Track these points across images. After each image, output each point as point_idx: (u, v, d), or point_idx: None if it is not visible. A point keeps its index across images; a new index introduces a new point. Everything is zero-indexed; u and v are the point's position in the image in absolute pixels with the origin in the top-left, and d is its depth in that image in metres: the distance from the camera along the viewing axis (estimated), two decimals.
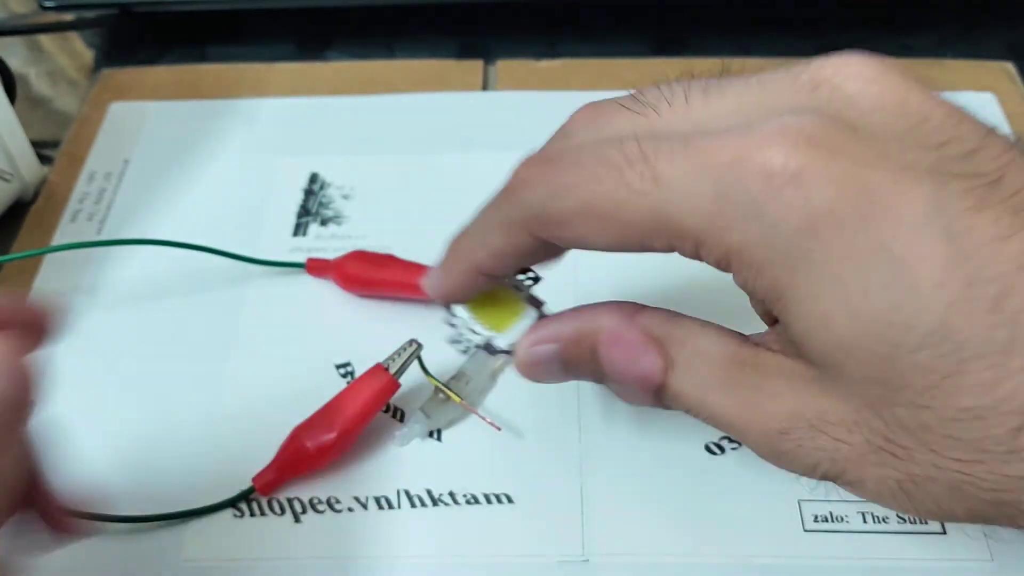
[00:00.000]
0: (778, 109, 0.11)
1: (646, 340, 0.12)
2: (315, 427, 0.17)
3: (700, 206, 0.11)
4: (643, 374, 0.12)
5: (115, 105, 0.25)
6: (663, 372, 0.12)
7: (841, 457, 0.11)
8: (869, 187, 0.10)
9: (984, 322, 0.10)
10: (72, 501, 0.15)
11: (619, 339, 0.12)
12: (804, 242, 0.10)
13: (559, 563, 0.16)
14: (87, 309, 0.20)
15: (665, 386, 0.12)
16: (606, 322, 0.13)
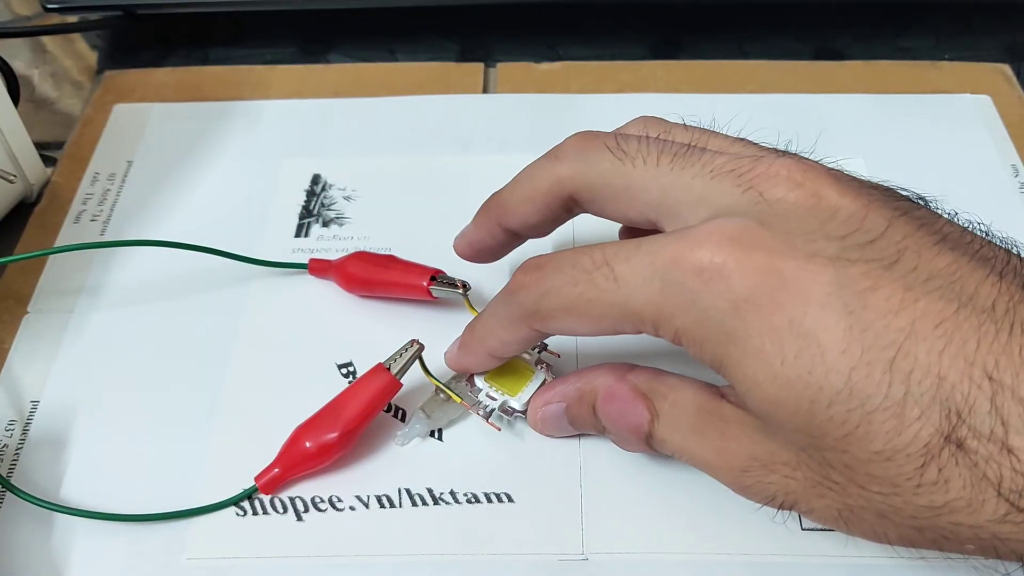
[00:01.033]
0: (716, 203, 0.13)
1: (635, 395, 0.15)
2: (317, 426, 0.17)
3: (651, 298, 0.13)
4: (634, 424, 0.15)
5: (118, 107, 0.25)
6: (650, 422, 0.15)
7: (791, 490, 0.14)
8: (781, 273, 0.12)
9: (883, 381, 0.12)
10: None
11: (613, 395, 0.15)
12: (731, 322, 0.13)
13: (559, 561, 0.16)
14: (90, 310, 0.20)
15: (652, 434, 0.15)
16: (602, 381, 0.16)
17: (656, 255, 0.13)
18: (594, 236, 0.22)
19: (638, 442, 0.15)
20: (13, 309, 0.21)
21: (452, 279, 0.19)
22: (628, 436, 0.15)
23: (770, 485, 0.14)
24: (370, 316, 0.20)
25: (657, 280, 0.13)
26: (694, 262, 0.13)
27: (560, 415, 0.16)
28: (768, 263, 0.12)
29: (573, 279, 0.14)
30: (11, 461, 0.18)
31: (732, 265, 0.12)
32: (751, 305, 0.12)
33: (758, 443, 0.14)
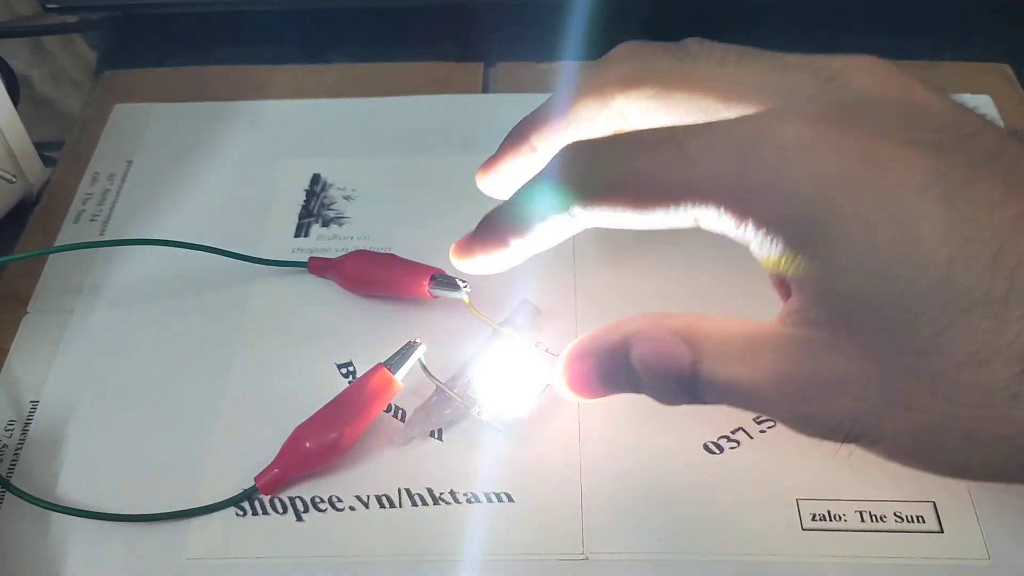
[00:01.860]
0: (794, 94, 0.12)
1: (674, 337, 0.13)
2: (317, 427, 0.17)
3: (723, 177, 0.12)
4: (675, 368, 0.13)
5: (118, 106, 0.25)
6: (693, 364, 0.13)
7: (862, 415, 0.12)
8: (875, 155, 0.11)
9: (983, 276, 0.11)
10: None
11: (650, 340, 0.14)
12: (816, 204, 0.11)
13: (559, 561, 0.16)
14: (91, 309, 0.20)
15: (697, 376, 0.13)
16: (635, 328, 0.14)
17: (733, 130, 0.12)
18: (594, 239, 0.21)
19: (679, 390, 0.13)
20: (13, 309, 0.21)
21: (452, 278, 0.19)
22: (668, 384, 0.13)
23: (836, 412, 0.12)
24: (370, 315, 0.20)
25: (735, 155, 0.12)
26: (780, 137, 0.11)
27: (591, 374, 0.14)
28: (861, 144, 0.11)
29: (630, 153, 0.13)
30: (11, 461, 0.18)
31: (822, 143, 0.11)
32: (841, 187, 0.11)
33: (825, 362, 0.12)
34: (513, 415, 0.17)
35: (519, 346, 0.18)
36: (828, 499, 0.17)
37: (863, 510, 0.16)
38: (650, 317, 0.14)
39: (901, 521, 0.16)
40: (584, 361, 0.14)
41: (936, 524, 0.16)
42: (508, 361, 0.18)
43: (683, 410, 0.18)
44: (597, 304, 0.20)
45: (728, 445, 0.17)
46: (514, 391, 0.17)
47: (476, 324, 0.19)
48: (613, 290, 0.20)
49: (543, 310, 0.19)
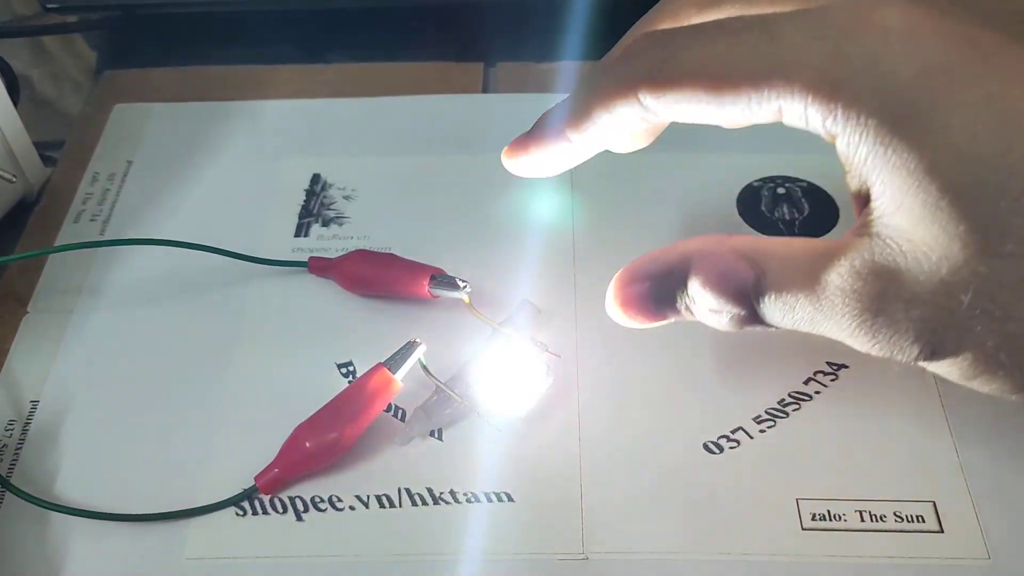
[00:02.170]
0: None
1: (737, 255, 0.13)
2: (317, 426, 0.17)
3: (816, 61, 0.11)
4: (737, 286, 0.13)
5: (119, 106, 0.25)
6: (756, 281, 0.12)
7: (940, 327, 0.11)
8: (979, 44, 0.11)
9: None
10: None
11: (711, 258, 0.13)
12: (914, 92, 0.11)
13: (559, 561, 0.16)
14: (91, 309, 0.20)
15: (759, 294, 0.12)
16: (696, 247, 0.13)
17: (830, 14, 0.11)
18: (594, 239, 0.22)
19: (739, 312, 0.13)
20: (13, 309, 0.21)
21: (452, 278, 0.19)
22: (727, 304, 0.13)
23: (912, 325, 0.11)
24: (370, 315, 0.20)
25: (829, 39, 0.11)
26: (879, 20, 0.11)
27: (645, 296, 0.14)
28: (965, 32, 0.11)
29: (712, 37, 0.12)
30: (11, 461, 0.18)
31: (925, 28, 0.11)
32: (942, 74, 0.11)
33: (904, 273, 0.11)
34: (513, 415, 0.17)
35: (519, 346, 0.18)
36: (828, 499, 0.17)
37: (863, 510, 0.16)
38: (710, 237, 0.13)
39: (901, 521, 0.16)
40: (639, 282, 0.14)
41: (936, 524, 0.16)
42: (508, 361, 0.18)
43: (683, 409, 0.18)
44: (597, 304, 0.20)
45: (728, 445, 0.17)
46: (514, 391, 0.17)
47: (476, 324, 0.19)
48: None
49: (543, 310, 0.19)
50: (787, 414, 0.18)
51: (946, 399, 0.18)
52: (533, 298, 0.20)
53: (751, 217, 0.22)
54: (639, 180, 0.22)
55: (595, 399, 0.18)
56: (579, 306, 0.20)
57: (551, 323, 0.19)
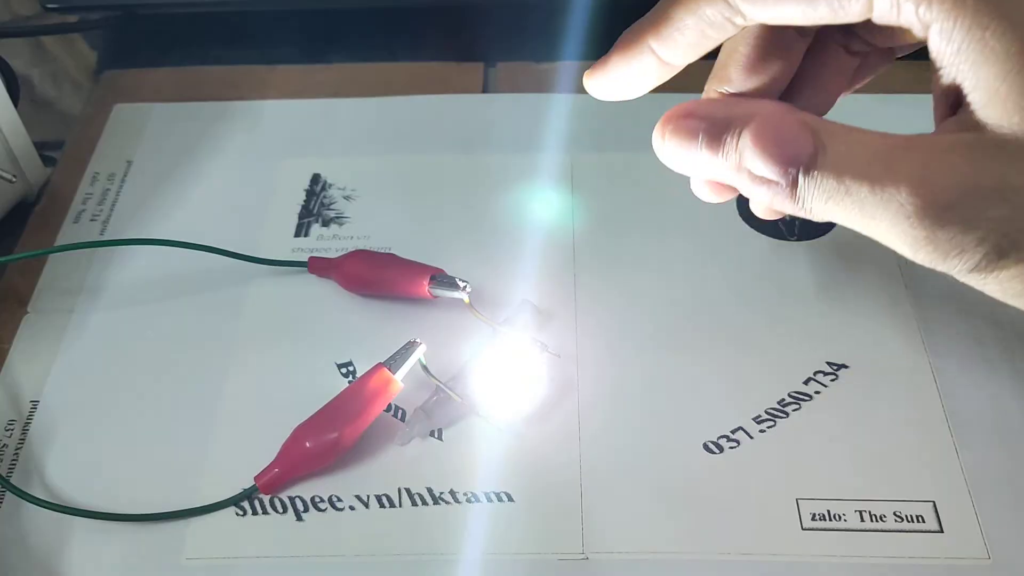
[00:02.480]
0: None
1: (803, 125, 0.12)
2: (317, 427, 0.17)
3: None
4: (791, 152, 0.12)
5: (119, 106, 0.25)
6: (812, 155, 0.12)
7: (1014, 229, 0.11)
8: None
9: None
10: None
11: (774, 118, 0.12)
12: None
13: (559, 560, 0.16)
14: (91, 309, 0.20)
15: (810, 170, 0.12)
16: (763, 107, 0.13)
17: None
18: (594, 238, 0.22)
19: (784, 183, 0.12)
20: (13, 309, 0.21)
21: (452, 278, 0.19)
22: (771, 169, 0.12)
23: (985, 223, 0.11)
24: (370, 315, 0.20)
25: None
26: None
27: (695, 133, 0.13)
28: None
29: None
30: (11, 461, 0.18)
31: None
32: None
33: (988, 166, 0.11)
34: (513, 415, 0.17)
35: (519, 346, 0.18)
36: (828, 499, 0.17)
37: (863, 510, 0.16)
38: (781, 104, 0.13)
39: (901, 521, 0.16)
40: (695, 118, 0.13)
41: (936, 524, 0.16)
42: (508, 361, 0.18)
43: (683, 409, 0.18)
44: (597, 304, 0.20)
45: (728, 445, 0.17)
46: (514, 391, 0.17)
47: (476, 324, 0.19)
48: (613, 290, 0.20)
49: (543, 310, 0.20)
50: (787, 414, 0.18)
51: (946, 399, 0.18)
52: (533, 298, 0.20)
53: (752, 218, 0.22)
54: (638, 181, 0.22)
55: (595, 399, 0.18)
56: (579, 306, 0.20)
57: (551, 323, 0.19)
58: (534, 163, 0.23)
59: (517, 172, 0.23)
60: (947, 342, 0.19)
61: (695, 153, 0.13)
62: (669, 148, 0.14)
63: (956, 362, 0.18)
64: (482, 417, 0.17)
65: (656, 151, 0.14)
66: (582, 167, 0.23)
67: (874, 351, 0.19)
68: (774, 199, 0.12)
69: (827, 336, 0.19)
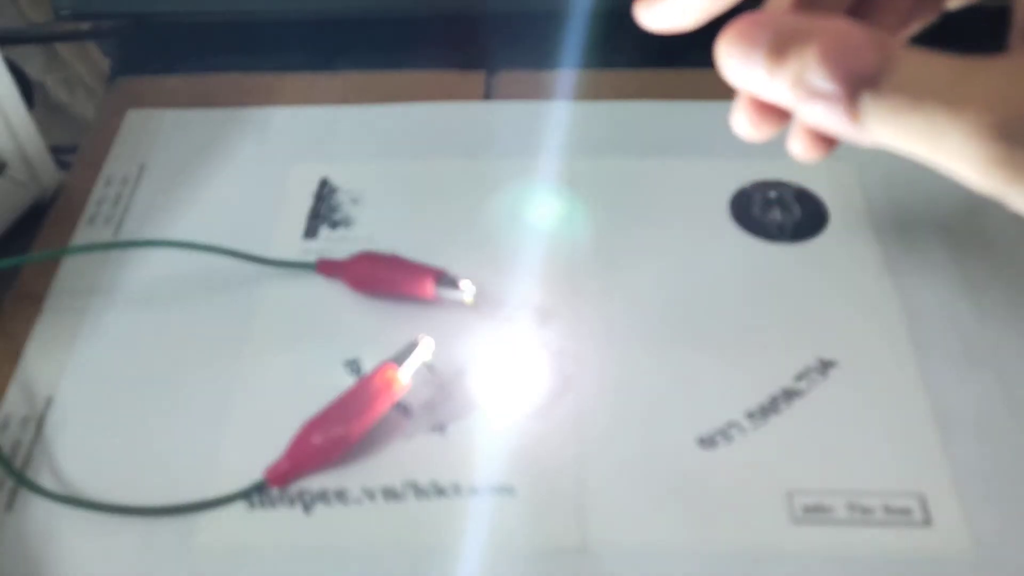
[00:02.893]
0: None
1: (869, 37, 0.11)
2: (326, 423, 0.17)
3: None
4: (855, 65, 0.11)
5: (132, 112, 0.26)
6: (878, 68, 0.11)
7: None
8: None
9: None
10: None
11: (843, 32, 0.11)
12: None
13: (558, 551, 0.16)
14: (104, 308, 0.21)
15: (877, 84, 0.11)
16: (831, 23, 0.12)
17: None
18: (594, 238, 0.22)
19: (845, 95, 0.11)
20: (29, 308, 0.21)
21: (455, 279, 0.20)
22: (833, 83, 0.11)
23: None
24: (376, 315, 0.20)
25: None
26: None
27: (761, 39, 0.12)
28: None
29: None
30: (25, 456, 0.18)
31: None
32: None
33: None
34: (515, 411, 0.18)
35: (520, 344, 0.19)
36: (819, 492, 0.17)
37: (853, 503, 0.17)
38: (848, 20, 0.12)
39: (890, 514, 0.17)
40: (761, 28, 0.12)
41: (924, 517, 0.17)
42: (510, 358, 0.18)
43: (677, 404, 0.18)
44: (596, 304, 0.21)
45: (722, 440, 0.18)
46: (516, 388, 0.18)
47: (479, 323, 0.19)
48: (611, 290, 0.21)
49: (543, 310, 0.20)
50: (779, 410, 0.18)
51: (932, 395, 0.18)
52: (534, 298, 0.20)
53: (744, 221, 0.22)
54: (636, 185, 0.23)
55: (594, 395, 0.19)
56: (578, 306, 0.20)
57: (551, 322, 0.20)
58: (535, 168, 0.23)
59: (518, 177, 0.23)
60: (933, 339, 0.19)
61: (756, 62, 0.12)
62: (731, 55, 0.13)
63: (942, 359, 0.19)
64: (485, 413, 0.18)
65: (718, 60, 0.13)
66: (581, 172, 0.24)
67: (862, 348, 0.19)
68: (832, 117, 0.11)
69: (817, 334, 0.20)
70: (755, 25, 0.12)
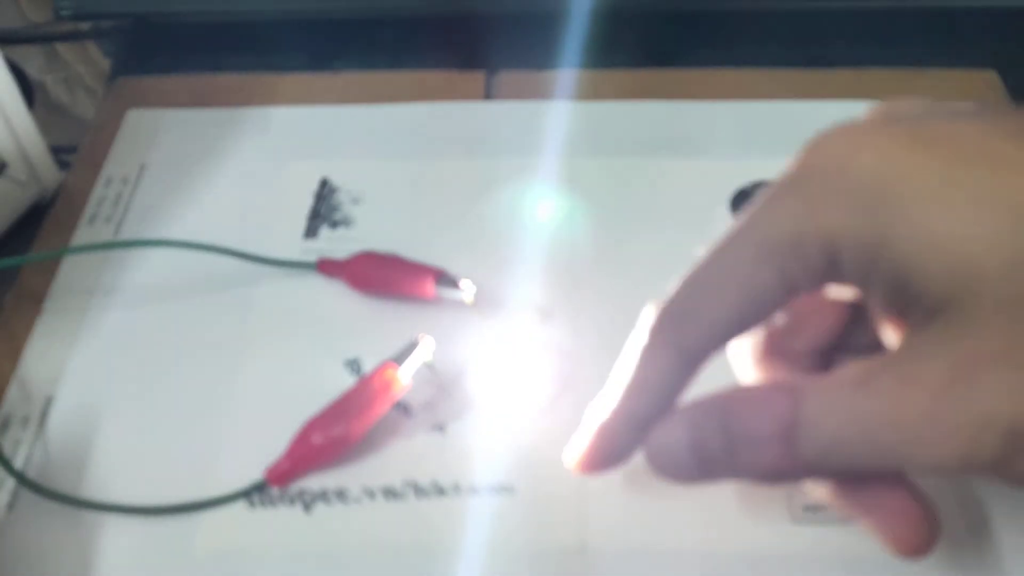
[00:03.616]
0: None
1: (773, 386, 0.12)
2: (326, 422, 0.17)
3: (788, 210, 0.11)
4: (774, 415, 0.11)
5: (132, 112, 0.26)
6: (793, 407, 0.11)
7: (1015, 403, 0.10)
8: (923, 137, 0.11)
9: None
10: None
11: (744, 391, 0.12)
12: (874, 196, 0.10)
13: (558, 551, 0.16)
14: (105, 308, 0.21)
15: (799, 420, 0.11)
16: (729, 389, 0.12)
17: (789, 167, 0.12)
18: (594, 238, 0.22)
19: (779, 447, 0.11)
20: (29, 308, 0.21)
21: (455, 279, 0.20)
22: (764, 442, 0.11)
23: (983, 401, 0.10)
24: (377, 315, 0.20)
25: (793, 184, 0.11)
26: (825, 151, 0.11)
27: (682, 445, 0.12)
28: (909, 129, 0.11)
29: (705, 258, 0.12)
30: (26, 456, 0.18)
31: (869, 143, 0.11)
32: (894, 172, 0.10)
33: (955, 350, 0.10)
34: (515, 411, 0.18)
35: (520, 343, 0.19)
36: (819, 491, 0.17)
37: None
38: (741, 385, 0.12)
39: None
40: (673, 429, 0.12)
41: None
42: (510, 358, 0.18)
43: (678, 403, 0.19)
44: (596, 303, 0.21)
45: None
46: (516, 388, 0.18)
47: (479, 322, 0.19)
48: (612, 289, 0.21)
49: (544, 309, 0.20)
50: None
51: None
52: (534, 298, 0.20)
53: None
54: (636, 184, 0.23)
55: (594, 395, 0.19)
56: (579, 305, 0.20)
57: (552, 321, 0.20)
58: (535, 167, 0.23)
59: (518, 176, 0.23)
60: None
61: (690, 465, 0.13)
62: (667, 475, 0.13)
63: None
64: (485, 413, 0.18)
65: (651, 470, 0.13)
66: (582, 171, 0.24)
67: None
68: (781, 475, 0.12)
69: None
70: (659, 440, 0.12)
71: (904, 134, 0.11)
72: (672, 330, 0.12)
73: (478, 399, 0.18)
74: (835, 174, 0.11)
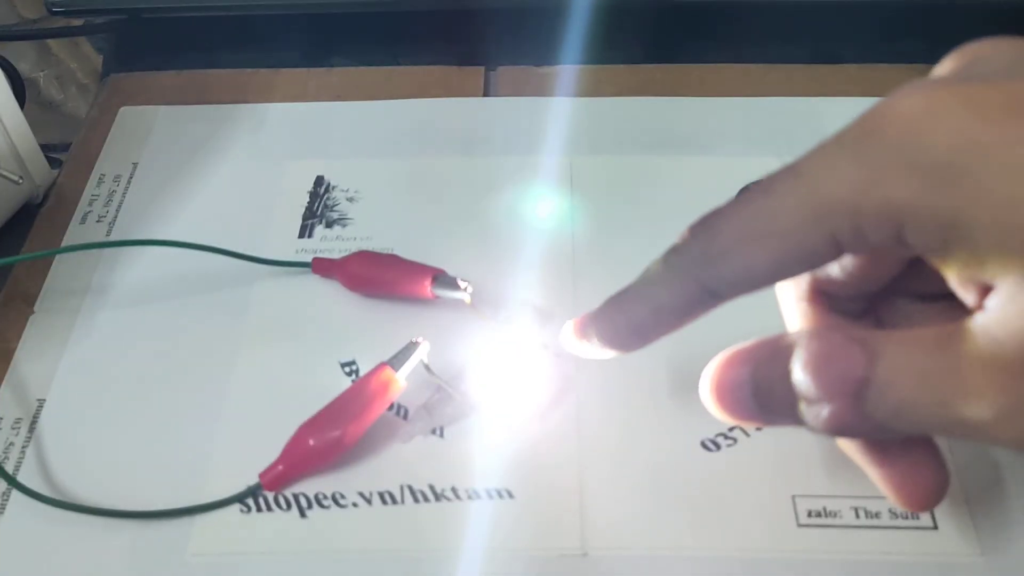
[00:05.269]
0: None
1: (848, 339, 0.11)
2: (321, 425, 0.17)
3: (847, 174, 0.10)
4: (844, 372, 0.11)
5: (124, 109, 0.25)
6: (866, 366, 0.11)
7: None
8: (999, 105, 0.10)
9: None
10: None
11: (817, 339, 0.11)
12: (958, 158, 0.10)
13: (558, 557, 0.16)
14: (97, 308, 0.21)
15: (870, 380, 0.11)
16: (804, 332, 0.12)
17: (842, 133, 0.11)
18: (594, 238, 0.22)
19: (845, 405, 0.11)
20: (20, 308, 0.21)
21: (453, 279, 0.19)
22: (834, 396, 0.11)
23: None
24: (373, 315, 0.20)
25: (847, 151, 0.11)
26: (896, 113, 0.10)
27: (743, 384, 0.12)
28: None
29: (746, 200, 0.11)
30: (17, 459, 0.18)
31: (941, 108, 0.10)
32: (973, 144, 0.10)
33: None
34: (513, 413, 0.17)
35: (519, 345, 0.18)
36: (824, 496, 0.17)
37: (858, 507, 0.17)
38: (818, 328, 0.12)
39: (896, 517, 0.16)
40: (737, 367, 0.12)
41: (930, 520, 0.16)
42: (508, 360, 0.18)
43: (680, 407, 0.18)
44: (596, 304, 0.20)
45: (725, 443, 0.18)
46: (514, 390, 0.18)
47: (477, 323, 0.19)
48: (611, 290, 0.21)
49: (543, 310, 0.20)
50: None
51: None
52: (533, 298, 0.20)
53: None
54: (637, 182, 0.23)
55: (594, 398, 0.18)
56: (579, 306, 0.20)
57: (551, 322, 0.20)
58: (534, 165, 0.23)
59: (517, 174, 0.23)
60: None
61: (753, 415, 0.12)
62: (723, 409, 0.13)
63: None
64: (483, 415, 0.18)
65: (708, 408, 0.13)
66: (581, 169, 0.23)
67: None
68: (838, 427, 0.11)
69: None
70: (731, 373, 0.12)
71: (985, 99, 0.10)
72: (699, 268, 0.12)
73: (477, 401, 0.18)
74: (907, 144, 0.10)
